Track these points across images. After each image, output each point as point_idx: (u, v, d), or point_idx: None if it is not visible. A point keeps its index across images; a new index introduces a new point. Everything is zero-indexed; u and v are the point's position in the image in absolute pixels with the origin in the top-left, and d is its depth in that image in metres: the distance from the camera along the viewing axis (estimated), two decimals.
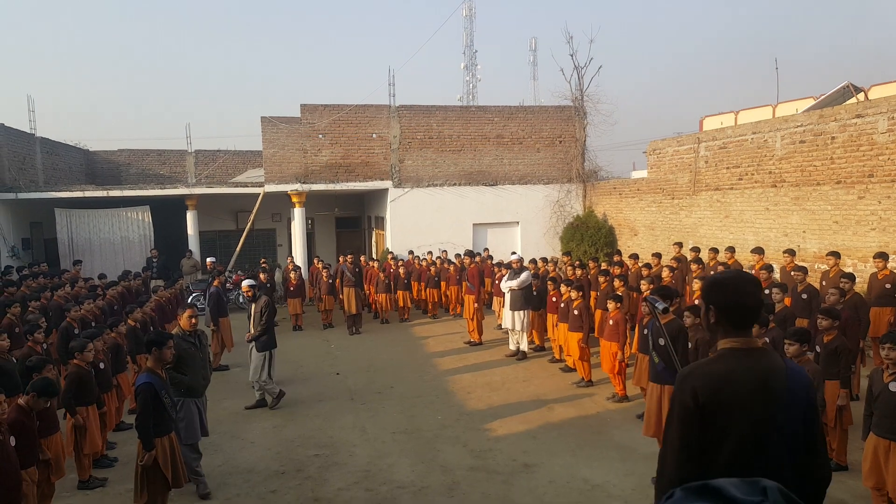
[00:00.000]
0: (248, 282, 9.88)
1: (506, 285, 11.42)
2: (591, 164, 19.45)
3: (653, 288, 8.58)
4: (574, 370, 10.10)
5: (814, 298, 8.86)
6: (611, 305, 8.93)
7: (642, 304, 8.07)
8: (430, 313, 15.75)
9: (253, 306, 9.32)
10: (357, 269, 14.50)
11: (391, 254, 16.96)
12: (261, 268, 15.36)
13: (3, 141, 16.75)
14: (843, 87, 17.79)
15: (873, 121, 10.70)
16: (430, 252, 16.74)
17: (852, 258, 10.97)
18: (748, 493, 1.12)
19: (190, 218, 18.33)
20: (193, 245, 18.33)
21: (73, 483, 6.57)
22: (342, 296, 14.21)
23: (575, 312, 9.65)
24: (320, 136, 17.59)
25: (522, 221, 18.96)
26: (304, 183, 17.52)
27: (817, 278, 10.16)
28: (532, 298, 11.40)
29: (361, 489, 6.41)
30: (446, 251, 17.25)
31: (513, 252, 14.99)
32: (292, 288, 14.90)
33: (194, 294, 15.92)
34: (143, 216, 18.22)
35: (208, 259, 16.98)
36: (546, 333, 11.59)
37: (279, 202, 19.36)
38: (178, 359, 6.42)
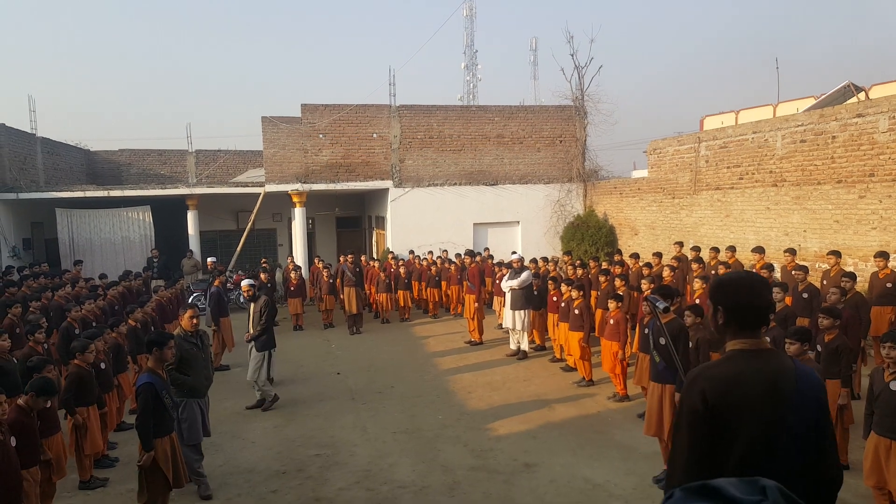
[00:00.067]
0: (248, 281, 9.93)
1: (506, 285, 11.42)
2: (592, 164, 19.47)
3: (653, 287, 8.58)
4: (575, 370, 10.10)
5: (815, 297, 8.85)
6: (611, 305, 8.93)
7: (643, 304, 8.07)
8: (431, 313, 15.75)
9: (252, 306, 9.35)
10: (358, 269, 14.50)
11: (392, 253, 16.95)
12: (261, 268, 15.37)
13: (4, 141, 16.76)
14: (844, 87, 17.78)
15: (874, 120, 10.70)
16: (431, 252, 16.75)
17: (853, 257, 10.97)
18: (747, 493, 1.12)
19: (191, 218, 18.34)
20: (194, 245, 18.34)
21: (75, 483, 6.57)
22: (343, 295, 14.22)
23: (576, 312, 9.65)
24: (321, 136, 17.60)
25: (523, 221, 18.96)
26: (305, 183, 17.52)
27: (818, 277, 10.15)
28: (533, 298, 11.40)
29: (362, 489, 6.41)
30: (447, 251, 17.26)
31: (513, 252, 14.98)
32: (293, 288, 14.91)
33: (195, 294, 15.93)
34: (144, 216, 18.24)
35: (209, 259, 16.98)
36: (547, 333, 11.59)
37: (280, 202, 19.37)
38: (181, 359, 6.43)
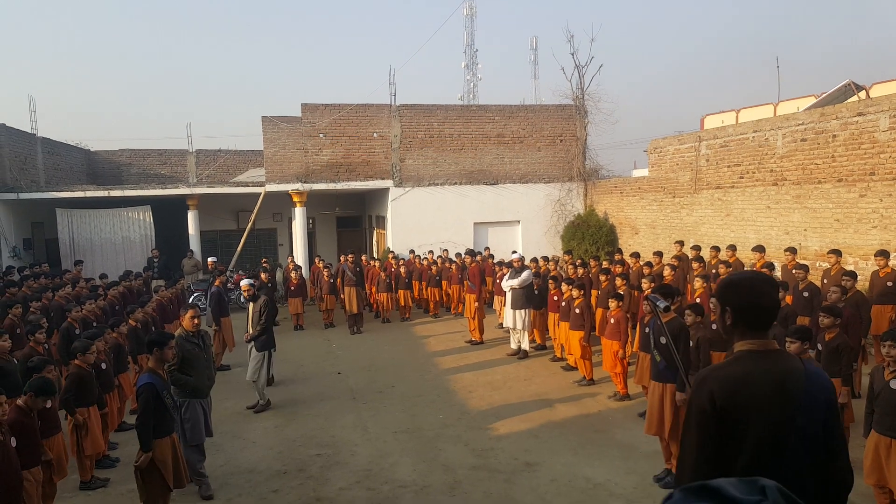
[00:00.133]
0: (247, 281, 9.88)
1: (507, 284, 11.41)
2: (592, 163, 19.47)
3: (654, 286, 8.57)
4: (575, 369, 10.10)
5: (815, 296, 8.85)
6: (612, 304, 8.92)
7: (643, 303, 8.07)
8: (432, 312, 15.76)
9: (251, 306, 9.31)
10: (358, 269, 14.50)
11: (392, 253, 16.95)
12: (262, 267, 15.38)
13: (5, 141, 16.77)
14: (845, 86, 17.76)
15: (874, 119, 10.69)
16: (431, 251, 16.75)
17: (854, 256, 10.96)
18: (747, 493, 1.12)
19: (191, 218, 18.35)
20: (194, 245, 18.35)
21: (76, 483, 6.57)
22: (343, 295, 14.22)
23: (576, 311, 9.64)
24: (321, 136, 17.60)
25: (523, 220, 18.96)
26: (305, 182, 17.52)
27: (819, 276, 10.15)
28: (533, 297, 11.40)
29: (363, 488, 6.41)
30: (447, 250, 17.26)
31: (513, 251, 14.98)
32: (293, 287, 14.92)
33: (195, 294, 15.93)
34: (145, 216, 18.24)
35: (209, 259, 17.00)
36: (547, 332, 11.58)
37: (280, 202, 19.37)
38: (183, 360, 6.42)
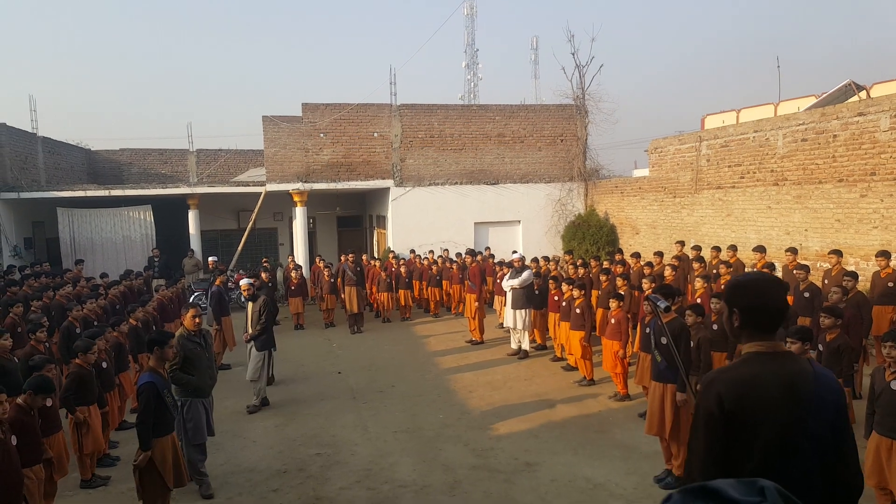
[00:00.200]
0: (246, 280, 9.82)
1: (507, 284, 11.41)
2: (593, 163, 19.46)
3: (655, 287, 8.57)
4: (576, 369, 10.09)
5: (816, 297, 8.84)
6: (613, 304, 8.92)
7: (644, 303, 8.06)
8: (432, 312, 15.76)
9: (251, 305, 9.27)
10: (359, 268, 14.50)
11: (392, 253, 16.96)
12: (262, 267, 15.38)
13: (6, 140, 16.77)
14: (845, 86, 17.75)
15: (875, 119, 10.68)
16: (432, 251, 16.75)
17: (854, 256, 10.96)
18: (746, 494, 1.12)
19: (192, 217, 18.35)
20: (195, 244, 18.35)
21: (76, 482, 6.58)
22: (344, 295, 14.22)
23: (577, 311, 9.64)
24: (322, 136, 17.60)
25: (524, 220, 18.96)
26: (306, 182, 17.52)
27: (819, 277, 10.14)
28: (534, 297, 11.39)
29: (363, 488, 6.41)
30: (448, 250, 17.26)
31: (514, 251, 14.98)
32: (293, 287, 14.93)
33: (196, 293, 15.93)
34: (145, 215, 18.25)
35: (210, 258, 17.00)
36: (548, 332, 11.58)
37: (281, 201, 19.37)
38: (185, 359, 6.41)
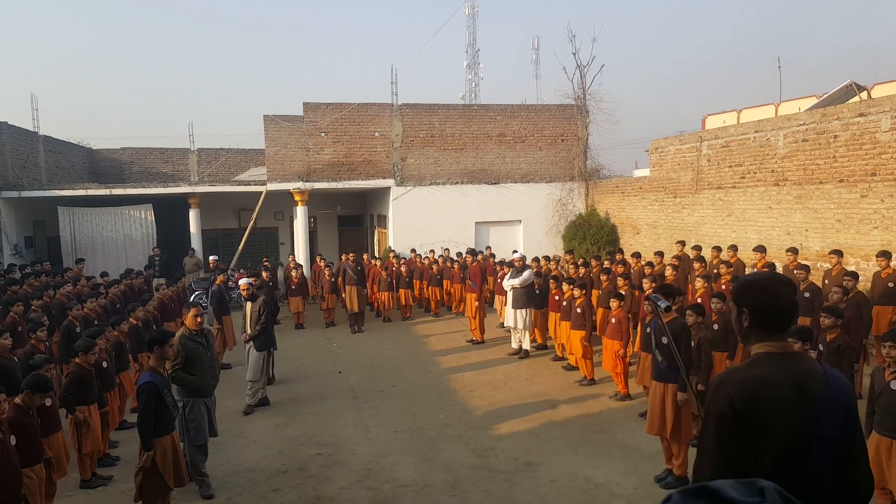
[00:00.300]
0: (245, 280, 9.73)
1: (508, 283, 11.41)
2: (594, 163, 19.48)
3: (655, 286, 8.57)
4: (576, 368, 10.10)
5: (816, 297, 8.84)
6: (613, 304, 8.92)
7: (645, 303, 8.06)
8: (433, 311, 15.77)
9: (249, 305, 9.19)
10: (359, 268, 14.50)
11: (393, 252, 16.96)
12: (263, 266, 15.38)
13: (7, 139, 16.79)
14: (846, 86, 17.73)
15: (876, 119, 10.68)
16: (433, 250, 16.76)
17: (855, 257, 10.96)
18: (746, 494, 1.12)
19: (192, 216, 18.35)
20: (196, 243, 18.35)
21: (76, 482, 6.57)
22: (344, 294, 14.23)
23: (578, 311, 9.64)
24: (323, 135, 17.60)
25: (525, 220, 18.96)
26: (307, 181, 17.53)
27: (820, 277, 10.15)
28: (534, 297, 11.40)
29: (364, 488, 6.41)
30: (448, 249, 17.27)
31: (515, 250, 14.98)
32: (294, 286, 14.94)
33: (196, 293, 15.93)
34: (146, 214, 18.25)
35: (211, 257, 16.99)
36: (548, 332, 11.58)
37: (282, 200, 19.37)
38: (187, 359, 6.39)
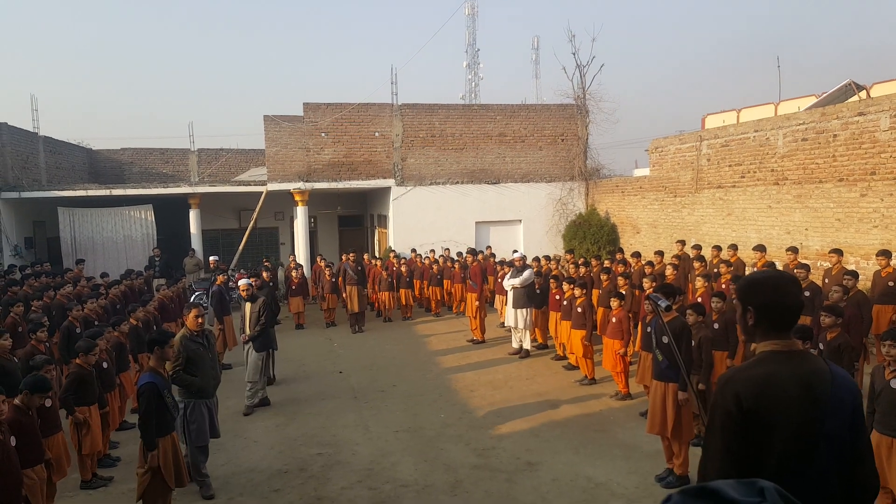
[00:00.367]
0: (245, 281, 9.64)
1: (508, 283, 11.41)
2: (594, 163, 19.50)
3: (655, 286, 8.58)
4: (577, 368, 10.10)
5: (816, 296, 8.84)
6: (614, 303, 8.93)
7: (645, 302, 8.07)
8: (433, 311, 15.77)
9: (249, 306, 9.12)
10: (360, 268, 14.51)
11: (393, 252, 16.97)
12: (263, 266, 15.38)
13: (7, 140, 16.79)
14: (845, 85, 17.72)
15: (875, 118, 10.68)
16: (433, 250, 16.77)
17: (855, 256, 10.96)
18: (746, 494, 1.12)
19: (193, 216, 18.36)
20: (196, 244, 18.35)
21: (77, 483, 6.58)
22: (345, 294, 14.23)
23: (578, 310, 9.65)
24: (323, 135, 17.61)
25: (525, 219, 18.97)
26: (307, 181, 17.53)
27: (820, 276, 10.15)
28: (535, 296, 11.40)
29: (364, 488, 6.41)
30: (449, 249, 17.27)
31: (515, 250, 14.98)
32: (294, 286, 14.94)
33: (197, 293, 15.91)
34: (146, 215, 18.26)
35: (211, 258, 16.97)
36: (549, 331, 11.58)
37: (282, 201, 19.37)
38: (188, 360, 6.38)
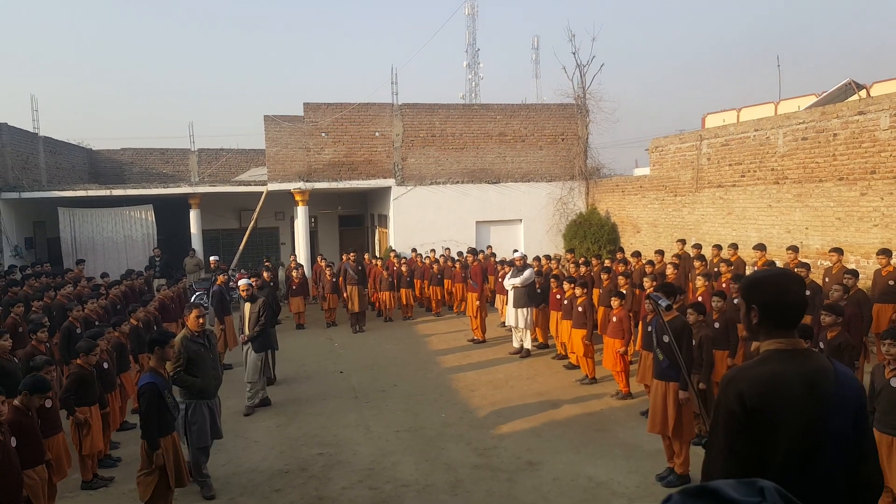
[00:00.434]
0: (245, 281, 9.58)
1: (509, 283, 11.41)
2: (594, 162, 19.50)
3: (656, 285, 8.58)
4: (577, 367, 10.11)
5: (817, 295, 8.83)
6: (614, 303, 8.93)
7: (645, 301, 8.07)
8: (434, 311, 15.77)
9: (248, 306, 9.10)
10: (360, 267, 14.52)
11: (394, 252, 16.97)
12: (264, 266, 15.38)
13: (7, 140, 16.79)
14: (845, 85, 17.71)
15: (875, 118, 10.68)
16: (434, 250, 16.77)
17: (855, 255, 10.96)
18: (746, 494, 1.13)
19: (193, 216, 18.36)
20: (196, 244, 18.35)
21: (77, 483, 6.58)
22: (346, 294, 14.24)
23: (579, 309, 9.65)
24: (323, 135, 17.60)
25: (525, 219, 18.97)
26: (308, 181, 17.53)
27: (820, 275, 10.15)
28: (535, 295, 11.41)
29: (365, 488, 6.42)
30: (449, 249, 17.28)
31: (515, 249, 14.98)
32: (295, 286, 14.94)
33: (197, 293, 15.90)
34: (147, 215, 18.26)
35: (212, 258, 16.98)
36: (549, 331, 11.59)
37: (282, 200, 19.38)
38: (188, 361, 6.37)
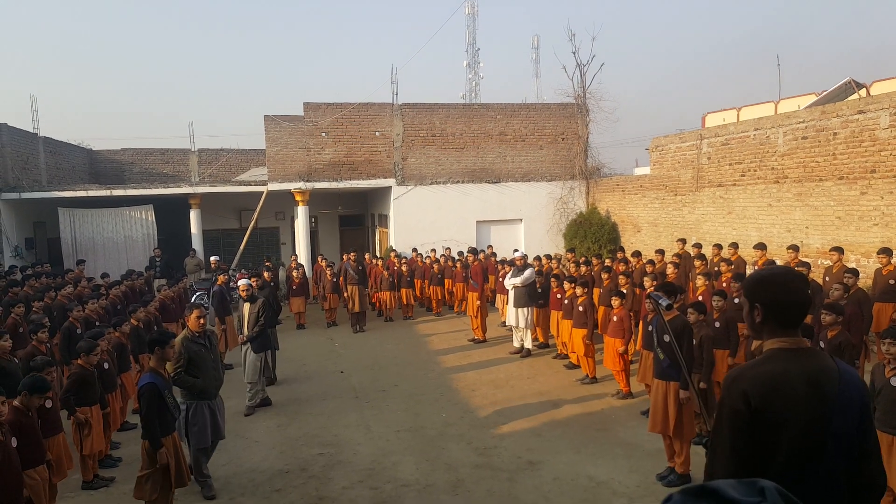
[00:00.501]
0: (245, 281, 9.53)
1: (509, 282, 11.41)
2: (594, 161, 19.49)
3: (656, 284, 8.58)
4: (578, 367, 10.11)
5: (817, 294, 8.82)
6: (615, 302, 8.93)
7: (646, 301, 8.07)
8: (434, 311, 15.77)
9: (248, 307, 9.07)
10: (361, 267, 14.52)
11: (394, 251, 16.97)
12: (264, 266, 15.37)
13: (7, 141, 16.80)
14: (845, 84, 17.70)
15: (875, 117, 10.68)
16: (434, 250, 16.77)
17: (855, 254, 10.96)
18: (746, 494, 1.12)
19: (193, 217, 18.35)
20: (197, 244, 18.35)
21: (78, 483, 6.58)
22: (346, 294, 14.24)
23: (579, 309, 9.66)
24: (323, 135, 17.60)
25: (526, 219, 18.96)
26: (308, 181, 17.53)
27: (821, 274, 10.15)
28: (536, 295, 11.41)
29: (366, 487, 6.42)
30: (450, 248, 17.28)
31: (516, 249, 14.97)
32: (295, 286, 14.95)
33: (198, 293, 15.91)
34: (147, 215, 18.26)
35: (212, 258, 16.98)
36: (550, 330, 11.59)
37: (283, 200, 19.37)
38: (189, 361, 6.36)
